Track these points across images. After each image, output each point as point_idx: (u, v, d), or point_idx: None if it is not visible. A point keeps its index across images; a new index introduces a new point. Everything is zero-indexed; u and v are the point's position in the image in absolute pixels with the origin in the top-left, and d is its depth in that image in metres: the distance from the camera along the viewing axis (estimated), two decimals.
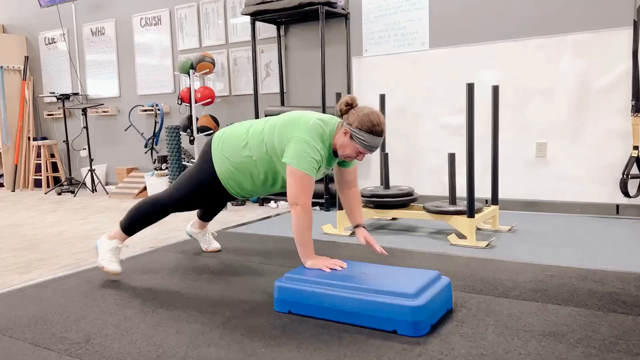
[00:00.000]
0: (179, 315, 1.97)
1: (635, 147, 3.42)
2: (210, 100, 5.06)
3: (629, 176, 3.42)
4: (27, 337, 1.82)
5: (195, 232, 2.97)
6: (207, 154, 2.41)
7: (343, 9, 4.38)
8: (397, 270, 2.00)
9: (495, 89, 3.29)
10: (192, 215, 4.23)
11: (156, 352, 1.66)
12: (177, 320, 1.93)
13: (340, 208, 3.38)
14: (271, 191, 2.45)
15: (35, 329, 1.89)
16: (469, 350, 1.60)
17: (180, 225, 3.83)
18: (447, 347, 1.63)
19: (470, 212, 2.96)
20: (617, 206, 3.59)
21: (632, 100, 3.43)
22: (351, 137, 2.13)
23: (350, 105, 2.15)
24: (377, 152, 4.47)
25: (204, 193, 2.42)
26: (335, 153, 2.24)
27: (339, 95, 3.28)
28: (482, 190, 4.03)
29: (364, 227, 2.38)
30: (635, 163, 3.44)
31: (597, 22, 3.54)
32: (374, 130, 2.10)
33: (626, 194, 3.44)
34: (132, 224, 2.48)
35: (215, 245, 2.98)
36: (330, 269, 2.03)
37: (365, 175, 4.56)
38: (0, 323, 1.96)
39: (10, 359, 1.65)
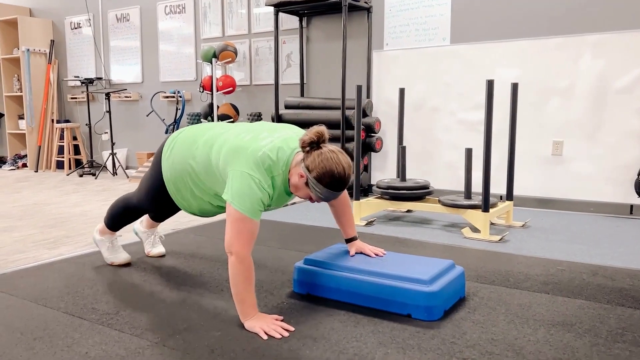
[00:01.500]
0: (203, 293, 2.07)
1: None
2: (231, 89, 5.14)
3: None
4: (61, 306, 1.93)
5: (142, 230, 2.65)
6: (159, 153, 2.15)
7: (366, 2, 4.43)
8: (412, 258, 2.07)
9: (515, 87, 3.33)
10: None
11: (182, 325, 1.76)
12: (201, 296, 2.03)
13: (357, 198, 3.46)
14: (213, 215, 2.19)
15: (68, 299, 2.00)
16: (480, 335, 1.67)
17: None
18: (459, 332, 1.70)
19: (485, 206, 3.02)
20: (631, 206, 3.62)
21: None
22: (307, 183, 1.78)
23: (316, 144, 1.77)
24: (395, 145, 4.54)
25: (158, 195, 2.17)
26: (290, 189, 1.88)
27: (359, 88, 3.34)
28: (497, 186, 4.08)
29: (357, 239, 2.15)
30: None
31: (619, 22, 3.56)
32: (334, 185, 1.75)
33: None
34: (114, 223, 2.40)
35: (160, 249, 2.63)
36: (274, 330, 1.70)
37: (382, 168, 4.63)
38: (34, 293, 2.07)
39: (47, 326, 1.76)
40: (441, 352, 1.55)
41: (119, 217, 2.38)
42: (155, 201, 2.22)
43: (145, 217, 2.65)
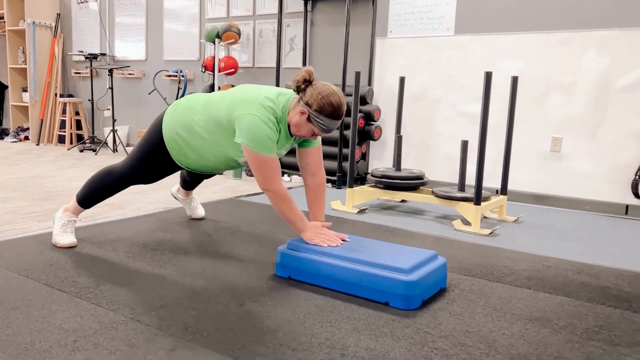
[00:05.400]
0: (185, 272, 2.08)
1: None
2: (233, 70, 5.12)
3: None
4: (42, 278, 1.94)
5: (181, 198, 2.94)
6: (159, 117, 2.28)
7: None
8: (395, 247, 2.07)
9: (515, 80, 3.30)
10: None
11: (160, 302, 1.77)
12: (183, 275, 2.03)
13: (351, 186, 3.45)
14: (216, 171, 2.34)
15: (50, 272, 2.01)
16: (454, 327, 1.67)
17: (197, 191, 3.94)
18: (434, 322, 1.70)
19: (477, 199, 3.00)
20: (627, 207, 3.59)
21: None
22: (309, 118, 1.99)
23: (308, 82, 1.99)
24: (393, 134, 4.51)
25: (153, 160, 2.27)
26: (290, 130, 2.10)
27: (358, 75, 3.32)
28: (494, 179, 4.06)
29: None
30: None
31: (626, 19, 3.50)
32: (334, 114, 1.98)
33: (637, 195, 3.44)
34: (88, 197, 2.34)
35: (200, 212, 2.94)
36: (327, 244, 2.01)
37: (380, 157, 4.61)
38: (18, 263, 2.08)
39: (26, 296, 1.77)
40: (413, 341, 1.55)
41: (98, 191, 2.33)
42: (148, 165, 2.27)
43: (179, 186, 2.91)
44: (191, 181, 2.82)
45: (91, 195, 2.34)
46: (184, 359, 1.39)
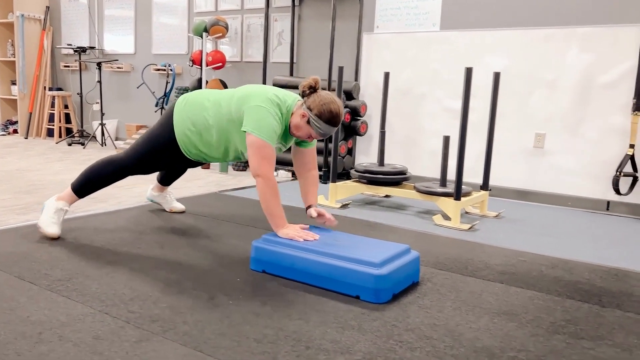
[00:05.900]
0: (159, 265, 2.08)
1: (632, 146, 3.43)
2: (221, 64, 5.11)
3: (622, 174, 3.44)
4: (15, 270, 1.94)
5: (156, 194, 2.97)
6: (169, 111, 2.37)
7: None
8: (369, 241, 2.08)
9: (497, 76, 3.31)
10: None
11: (131, 294, 1.77)
12: (157, 268, 2.04)
13: (334, 181, 3.46)
14: (225, 160, 2.42)
15: (23, 264, 2.01)
16: (422, 320, 1.68)
17: (182, 184, 3.95)
18: (403, 315, 1.71)
19: (457, 194, 3.01)
20: (608, 203, 3.62)
21: (633, 98, 3.42)
22: (308, 121, 2.13)
23: (314, 89, 2.14)
24: (378, 130, 4.52)
25: (160, 152, 2.37)
26: (290, 130, 2.24)
27: (341, 69, 3.32)
28: (479, 175, 4.07)
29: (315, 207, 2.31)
30: (629, 161, 3.45)
31: (609, 16, 3.52)
32: (332, 120, 2.11)
33: (617, 191, 3.46)
34: (85, 185, 2.38)
35: (179, 205, 2.98)
36: (304, 239, 2.05)
37: (366, 152, 4.61)
38: None
39: None
40: (379, 334, 1.56)
41: (97, 179, 2.38)
42: (155, 157, 2.36)
43: (155, 184, 2.95)
44: (170, 176, 2.85)
45: (89, 183, 2.39)
46: (148, 351, 1.40)
